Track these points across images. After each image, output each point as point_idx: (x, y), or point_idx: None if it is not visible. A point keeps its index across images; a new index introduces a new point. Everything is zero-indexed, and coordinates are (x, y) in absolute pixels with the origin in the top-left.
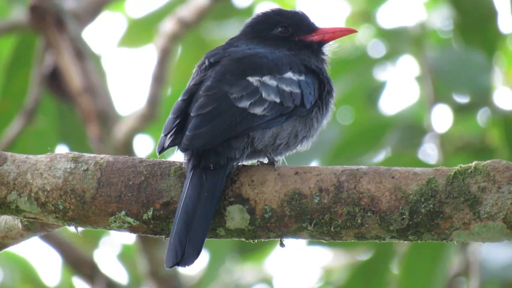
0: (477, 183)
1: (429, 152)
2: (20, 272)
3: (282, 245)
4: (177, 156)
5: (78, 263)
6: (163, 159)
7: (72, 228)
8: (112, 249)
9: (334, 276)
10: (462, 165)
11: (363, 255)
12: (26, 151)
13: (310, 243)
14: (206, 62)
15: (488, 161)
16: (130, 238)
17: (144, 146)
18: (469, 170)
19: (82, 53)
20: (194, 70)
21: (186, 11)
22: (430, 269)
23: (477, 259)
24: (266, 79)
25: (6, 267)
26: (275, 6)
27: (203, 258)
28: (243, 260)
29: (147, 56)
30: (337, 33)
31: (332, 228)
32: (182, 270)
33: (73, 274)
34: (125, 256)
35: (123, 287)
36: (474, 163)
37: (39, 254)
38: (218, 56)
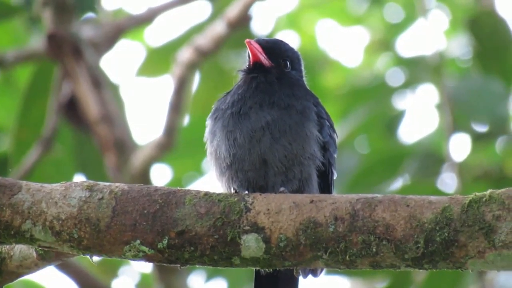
0: (492, 212)
1: (448, 181)
2: None
3: (298, 274)
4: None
5: None
6: (178, 188)
7: (88, 257)
8: (131, 278)
9: None
10: (477, 194)
11: (381, 284)
12: (43, 180)
13: (328, 272)
14: None
15: (503, 190)
16: (148, 267)
17: (161, 175)
18: (484, 199)
19: (99, 82)
20: None
21: (203, 40)
22: None
23: None
24: None
25: None
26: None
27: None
28: None
29: (165, 85)
30: None
31: (347, 256)
32: None
33: None
34: (143, 285)
35: None
36: (489, 191)
37: (57, 284)
38: None
